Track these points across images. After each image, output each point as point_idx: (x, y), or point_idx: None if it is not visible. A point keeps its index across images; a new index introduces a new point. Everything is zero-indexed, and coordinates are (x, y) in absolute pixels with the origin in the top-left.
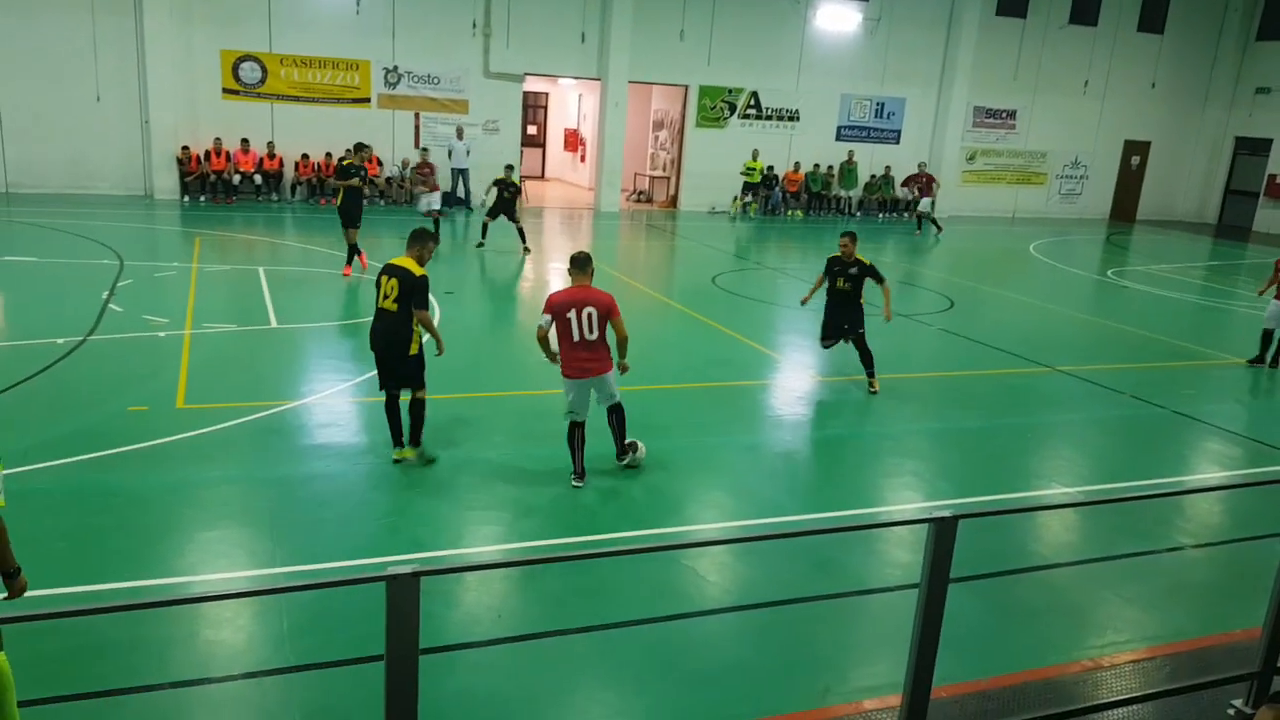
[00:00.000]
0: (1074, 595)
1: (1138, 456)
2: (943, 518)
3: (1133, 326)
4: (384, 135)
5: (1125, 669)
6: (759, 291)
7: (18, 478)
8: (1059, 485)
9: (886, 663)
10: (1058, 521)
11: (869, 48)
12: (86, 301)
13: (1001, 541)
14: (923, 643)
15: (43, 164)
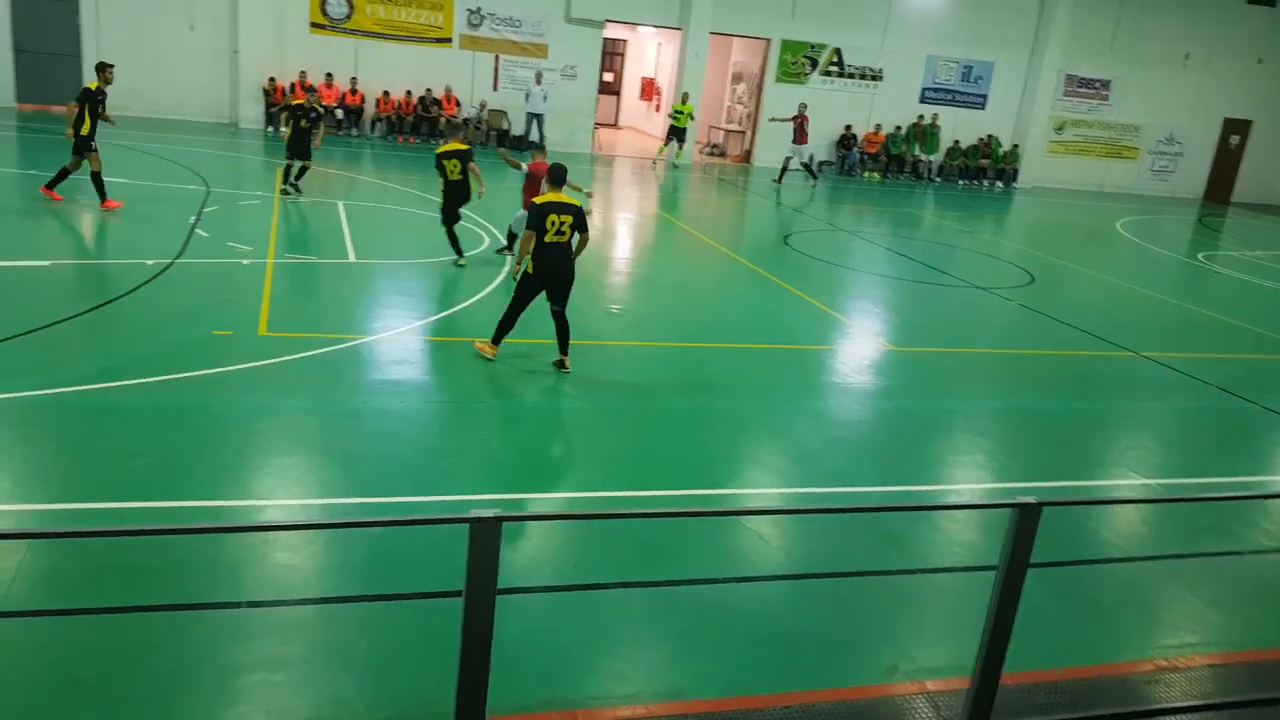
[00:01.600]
0: (1150, 592)
1: (1222, 452)
2: (1027, 503)
3: (1223, 314)
4: (464, 76)
5: (1200, 673)
6: (832, 253)
7: (105, 393)
8: (1137, 475)
9: (950, 645)
10: (1135, 514)
11: (959, 8)
12: (174, 225)
13: (1074, 529)
14: (996, 628)
15: (135, 88)
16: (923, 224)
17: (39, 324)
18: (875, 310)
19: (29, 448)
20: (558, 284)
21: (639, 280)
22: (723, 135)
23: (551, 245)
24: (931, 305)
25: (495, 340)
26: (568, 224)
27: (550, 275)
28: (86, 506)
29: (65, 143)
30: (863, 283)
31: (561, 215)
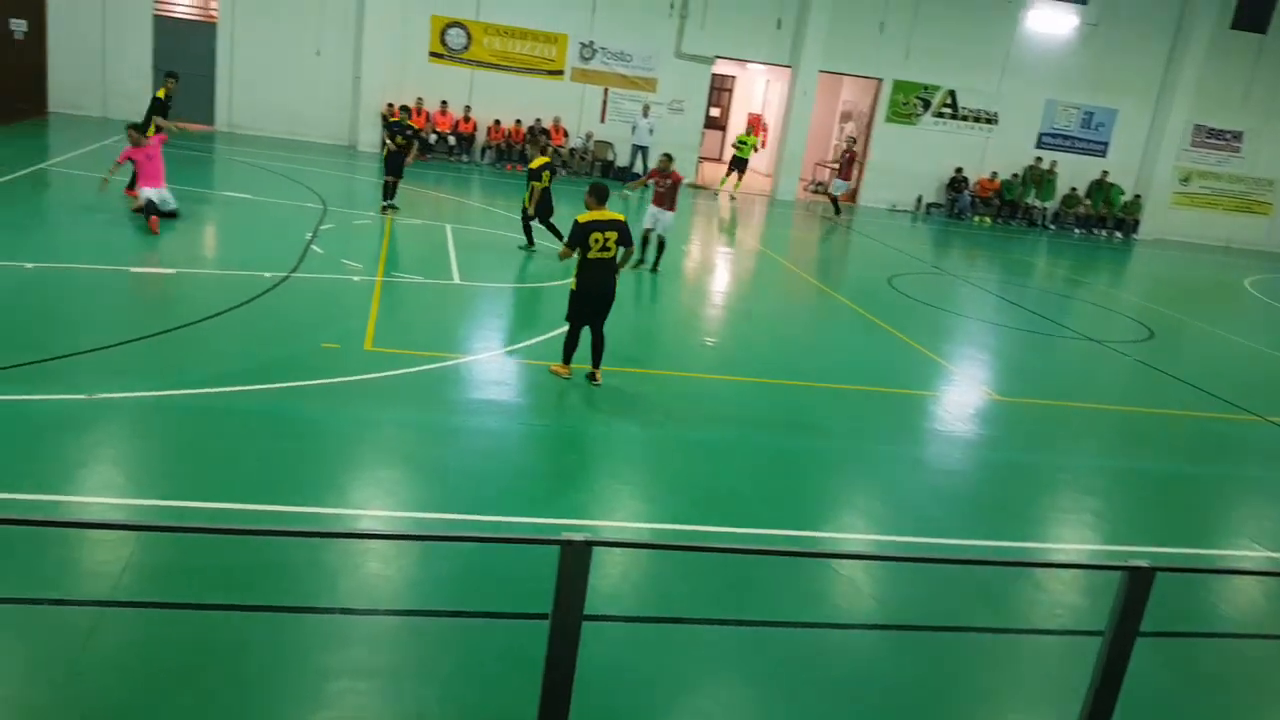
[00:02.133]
0: (1267, 670)
1: None
2: (1139, 567)
3: None
4: (572, 108)
5: None
6: (937, 297)
7: (218, 397)
8: (1259, 548)
9: (1048, 711)
10: (1255, 587)
11: (1082, 53)
12: (292, 240)
13: (1187, 599)
14: (1100, 697)
15: (263, 109)
16: (1035, 271)
17: (161, 329)
18: (981, 357)
19: (144, 446)
20: (601, 302)
21: (735, 314)
22: (828, 173)
23: (596, 261)
24: (1041, 355)
25: (565, 361)
26: (612, 239)
27: (594, 292)
28: (194, 505)
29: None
30: (969, 329)
31: (606, 232)
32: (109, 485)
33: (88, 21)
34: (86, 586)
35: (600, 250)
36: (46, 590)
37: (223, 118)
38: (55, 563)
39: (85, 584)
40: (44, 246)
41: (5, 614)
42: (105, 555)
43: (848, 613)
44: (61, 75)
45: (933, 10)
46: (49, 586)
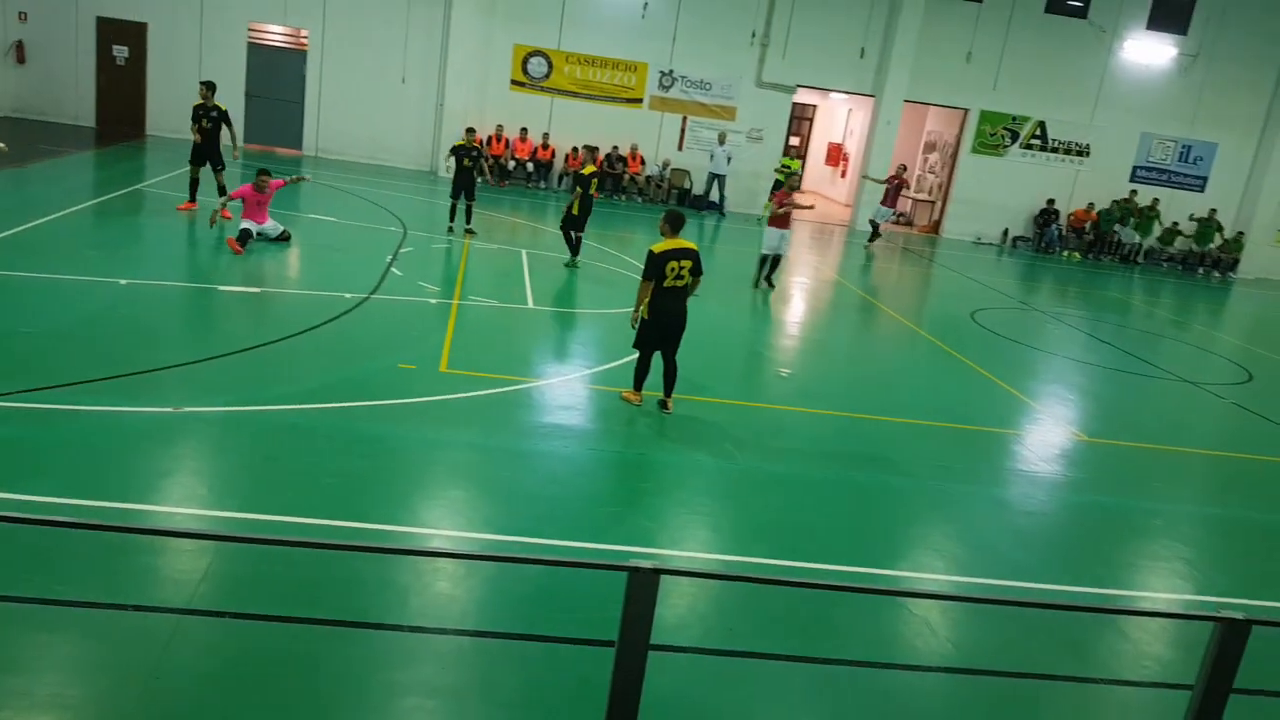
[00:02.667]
0: None
1: None
2: (1233, 619)
3: None
4: (650, 135)
5: None
6: (1023, 333)
7: (297, 414)
8: None
9: None
10: None
11: (1180, 85)
12: (372, 263)
13: None
14: None
15: (349, 134)
16: (1129, 309)
17: (246, 345)
18: (1068, 396)
19: (226, 459)
20: (673, 330)
21: (810, 345)
22: (910, 204)
23: (669, 290)
24: (1132, 396)
25: (636, 388)
26: (687, 268)
27: (666, 322)
28: (271, 518)
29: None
30: (1056, 366)
31: (681, 260)
32: (191, 496)
33: (185, 48)
34: (166, 594)
35: (675, 279)
36: (129, 596)
37: (310, 143)
38: (138, 570)
39: (165, 591)
40: (137, 264)
41: (90, 617)
42: (185, 565)
43: (921, 654)
44: (159, 100)
45: (1022, 40)
46: (132, 593)
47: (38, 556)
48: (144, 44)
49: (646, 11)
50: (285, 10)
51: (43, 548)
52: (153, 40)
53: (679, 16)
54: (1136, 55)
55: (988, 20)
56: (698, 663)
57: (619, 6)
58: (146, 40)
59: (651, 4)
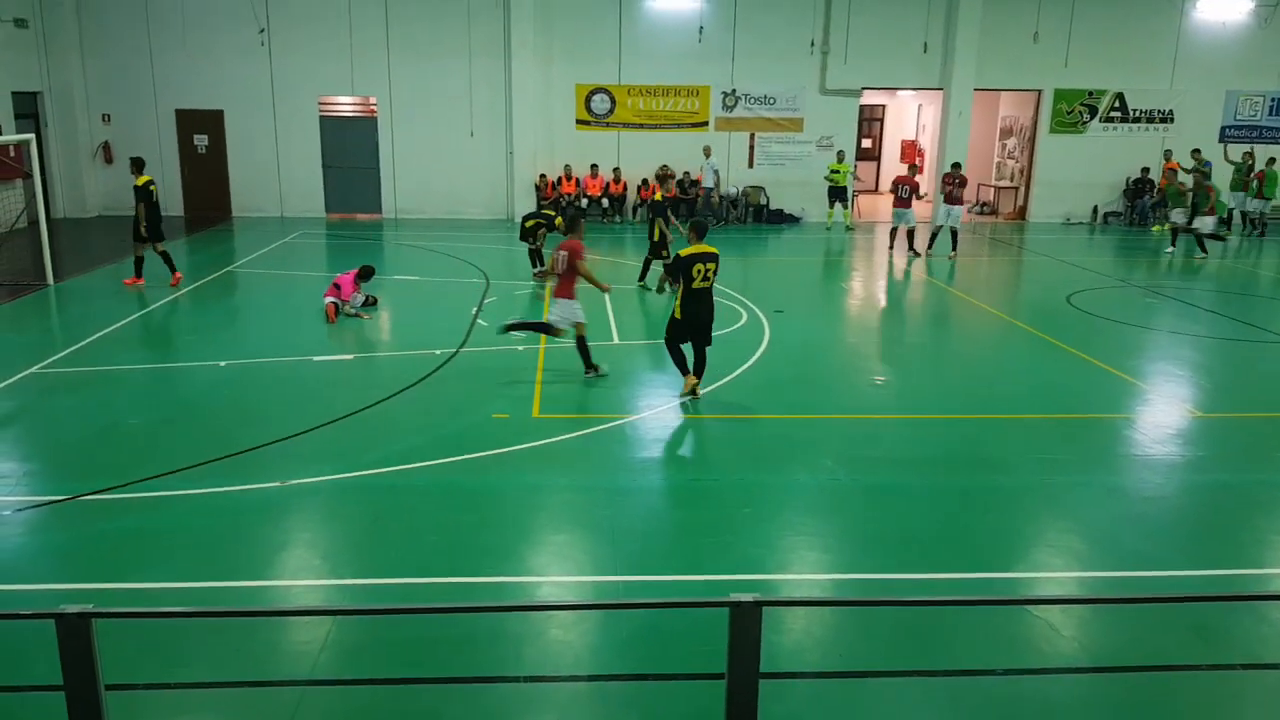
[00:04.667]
0: None
1: None
2: None
3: None
4: (719, 156)
5: None
6: (1124, 313)
7: (400, 474)
8: None
9: None
10: None
11: (1263, 37)
12: (458, 316)
13: None
14: None
15: (425, 193)
16: (1236, 275)
17: (344, 413)
18: (1179, 373)
19: (335, 527)
20: (702, 328)
21: (904, 348)
22: (993, 192)
23: (698, 291)
24: (1248, 365)
25: (683, 373)
26: (712, 270)
27: (695, 320)
28: (383, 582)
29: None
30: (1163, 343)
31: (707, 263)
32: (305, 567)
33: (260, 130)
34: (290, 666)
35: (702, 280)
36: (255, 672)
37: (389, 205)
38: (262, 645)
39: (289, 664)
40: (235, 344)
41: (220, 697)
42: (305, 635)
43: (1046, 657)
44: (241, 182)
45: (1089, 13)
46: (257, 668)
47: (169, 642)
48: (222, 130)
49: (703, 35)
50: (352, 81)
51: (172, 633)
52: (230, 126)
53: (735, 36)
54: (1211, 13)
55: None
56: (816, 687)
57: (675, 34)
58: (224, 126)
59: (707, 27)
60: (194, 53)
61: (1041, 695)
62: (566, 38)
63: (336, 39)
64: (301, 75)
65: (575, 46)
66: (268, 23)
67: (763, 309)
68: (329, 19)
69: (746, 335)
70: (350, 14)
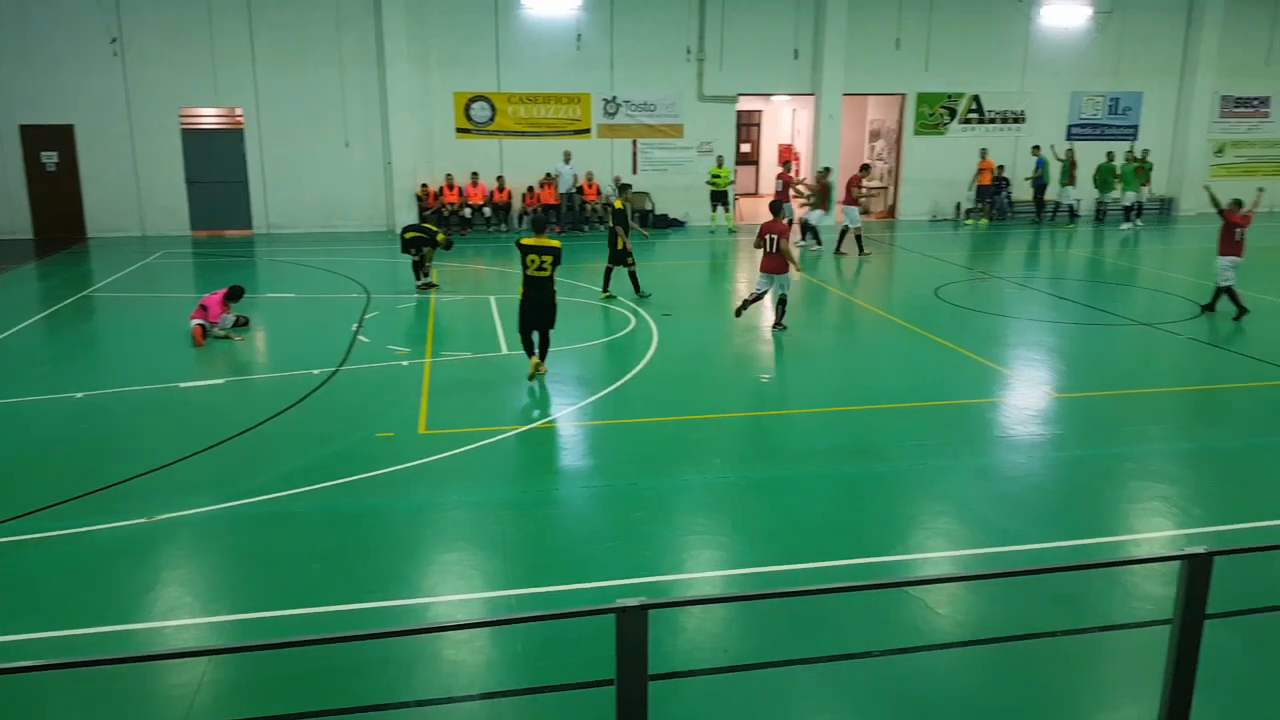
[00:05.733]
0: None
1: None
2: (1196, 554)
3: None
4: (603, 162)
5: None
6: (986, 303)
7: (277, 502)
8: None
9: (1136, 706)
10: None
11: (1100, 41)
12: (338, 333)
13: (1264, 573)
14: (1176, 685)
15: (298, 206)
16: (1082, 263)
17: (216, 440)
18: (1037, 357)
19: (209, 561)
20: (536, 310)
21: (786, 345)
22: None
23: (534, 279)
24: (1096, 347)
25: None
26: (548, 261)
27: (532, 304)
28: (263, 615)
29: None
30: (1022, 330)
31: (542, 255)
32: (176, 606)
33: (116, 145)
34: (163, 713)
35: (536, 270)
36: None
37: (260, 220)
38: (133, 692)
39: (161, 711)
40: (93, 373)
41: None
42: (179, 679)
43: (924, 634)
44: (97, 200)
45: (945, 20)
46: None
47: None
48: (73, 146)
49: (581, 43)
50: (215, 92)
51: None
52: (82, 141)
53: (614, 43)
54: (1054, 19)
55: (911, 6)
56: (710, 684)
57: (553, 41)
58: (75, 142)
59: (585, 34)
60: (39, 65)
61: (922, 671)
62: (442, 46)
63: (196, 48)
64: (160, 87)
65: (452, 54)
66: (120, 32)
67: (651, 313)
68: (187, 28)
69: (635, 340)
70: (211, 22)
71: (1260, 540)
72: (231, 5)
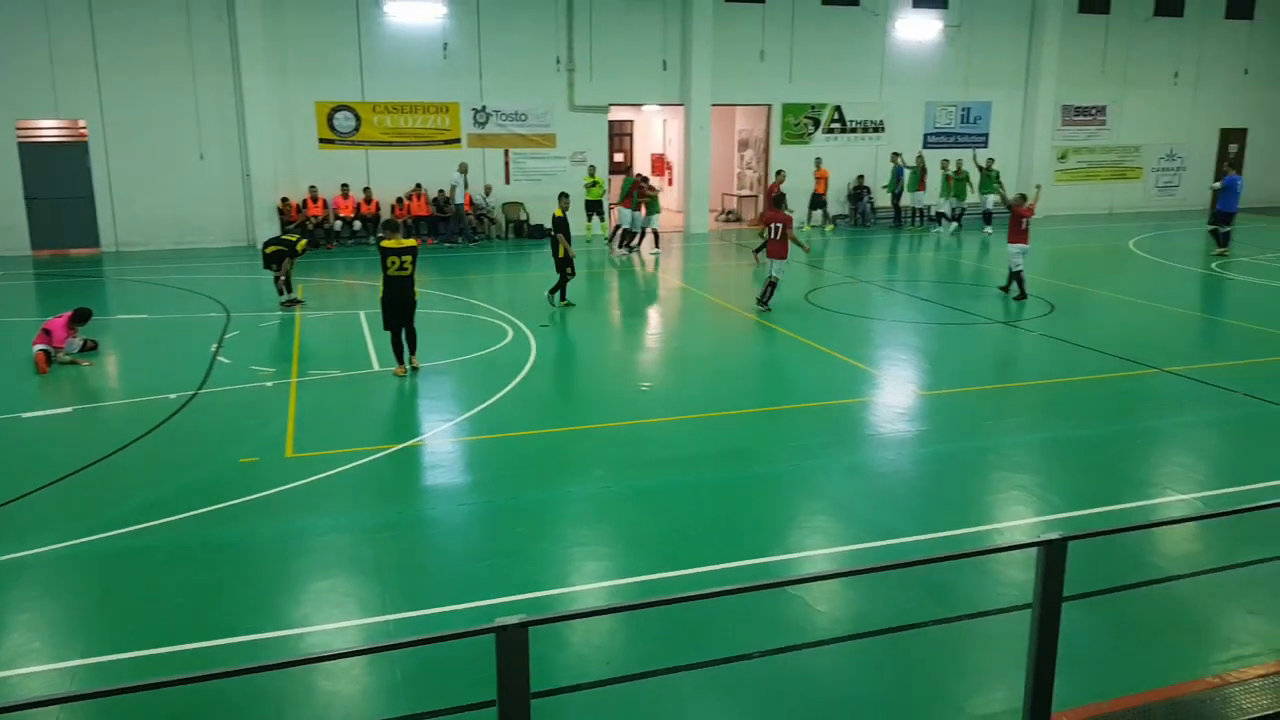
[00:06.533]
0: (1196, 609)
1: (1256, 458)
2: (1051, 540)
3: (1242, 320)
4: (475, 172)
5: (1254, 685)
6: (854, 306)
7: (134, 535)
8: (1175, 493)
9: (1005, 688)
10: (1176, 531)
11: (951, 53)
12: (196, 355)
13: (1117, 555)
14: (1039, 666)
15: (150, 222)
16: (942, 265)
17: (65, 472)
18: (903, 357)
19: (57, 603)
20: (400, 307)
21: (666, 354)
22: (736, 201)
23: (395, 278)
24: (958, 345)
25: (398, 361)
26: (408, 260)
27: (394, 301)
28: (120, 657)
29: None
30: (889, 331)
31: (402, 255)
32: (23, 654)
33: None
34: None
35: (398, 270)
36: None
37: (108, 238)
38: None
39: None
40: None
41: None
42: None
43: (805, 632)
44: None
45: (807, 33)
46: None
47: None
48: None
49: (447, 51)
50: (56, 103)
51: None
52: None
53: (482, 53)
54: (908, 33)
55: (773, 18)
56: (595, 697)
57: (419, 50)
58: None
59: (451, 43)
60: None
61: (805, 668)
62: (302, 54)
63: (33, 57)
64: None
65: (313, 63)
66: None
67: (528, 324)
68: (22, 35)
69: (512, 352)
70: (49, 27)
71: (1110, 523)
72: (70, 9)
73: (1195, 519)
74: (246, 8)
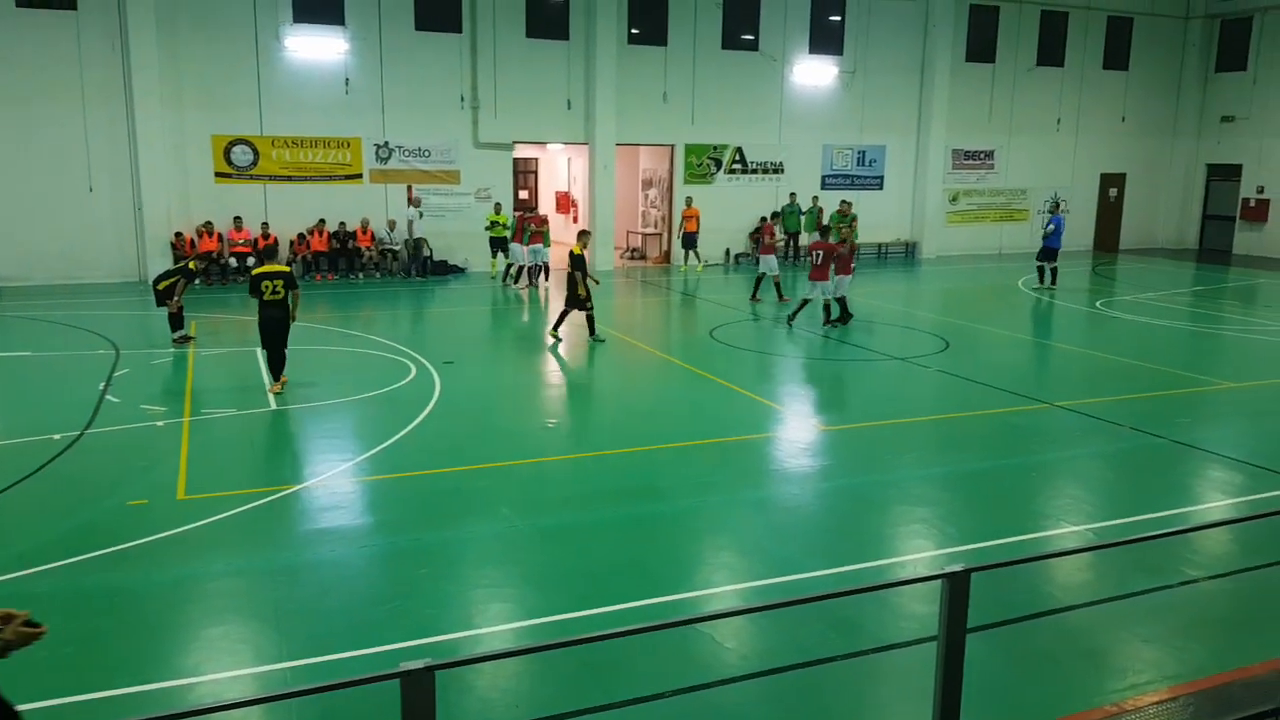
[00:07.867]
0: (1092, 638)
1: (1142, 489)
2: (954, 572)
3: (1125, 356)
4: (378, 208)
5: (1149, 711)
6: (756, 342)
7: (18, 582)
8: (1068, 524)
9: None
10: (1070, 562)
11: (847, 98)
12: (82, 394)
13: (1016, 586)
14: (945, 697)
15: (34, 256)
16: None
17: None
18: (806, 393)
19: None
20: (272, 331)
21: (572, 390)
22: (641, 239)
23: (269, 302)
24: (858, 382)
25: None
26: (280, 285)
27: (265, 324)
28: None
29: None
30: (792, 368)
31: (274, 280)
32: None
33: None
34: None
35: (271, 294)
36: None
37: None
38: None
39: None
40: None
41: None
42: None
43: (714, 669)
44: None
45: (707, 76)
46: None
47: None
48: None
49: (349, 86)
50: None
51: None
52: None
53: (384, 88)
54: (805, 78)
55: (675, 61)
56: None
57: (320, 84)
58: None
59: (353, 79)
60: None
61: (714, 706)
62: (199, 86)
63: None
64: None
65: (210, 95)
66: None
67: (432, 361)
68: None
69: (416, 389)
70: None
71: (1009, 555)
72: None
73: (1090, 549)
74: (141, 37)
